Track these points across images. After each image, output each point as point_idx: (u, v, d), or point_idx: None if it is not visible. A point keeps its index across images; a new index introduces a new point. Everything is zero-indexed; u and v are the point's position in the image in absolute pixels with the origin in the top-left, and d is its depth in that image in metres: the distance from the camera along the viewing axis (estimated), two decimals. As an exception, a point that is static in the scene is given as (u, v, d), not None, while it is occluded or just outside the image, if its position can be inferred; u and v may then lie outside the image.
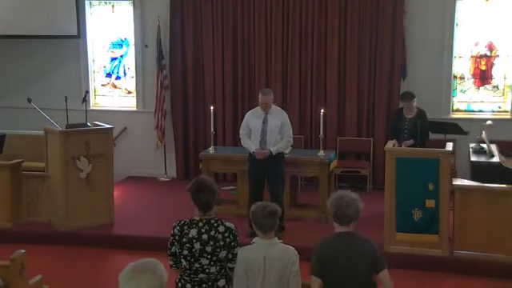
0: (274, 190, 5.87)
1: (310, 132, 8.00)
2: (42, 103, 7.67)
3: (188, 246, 3.23)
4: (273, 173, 5.88)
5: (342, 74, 7.89)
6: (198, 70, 8.35)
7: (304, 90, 8.00)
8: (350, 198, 3.04)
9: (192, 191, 3.24)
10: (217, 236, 3.21)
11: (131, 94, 8.80)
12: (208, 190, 3.22)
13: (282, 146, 5.92)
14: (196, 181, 3.26)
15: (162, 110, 8.34)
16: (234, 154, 6.69)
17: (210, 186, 3.24)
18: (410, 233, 5.54)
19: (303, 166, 6.42)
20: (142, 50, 8.56)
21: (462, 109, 7.87)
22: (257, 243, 3.24)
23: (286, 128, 5.92)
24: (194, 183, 3.25)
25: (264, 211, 3.22)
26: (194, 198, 3.23)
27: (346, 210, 3.01)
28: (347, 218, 3.00)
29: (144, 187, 8.12)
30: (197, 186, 3.23)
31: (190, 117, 8.49)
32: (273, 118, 5.90)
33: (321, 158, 6.43)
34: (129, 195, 7.75)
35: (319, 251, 3.04)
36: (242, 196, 6.55)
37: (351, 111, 7.90)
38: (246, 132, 5.97)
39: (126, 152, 8.57)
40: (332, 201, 3.07)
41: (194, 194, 3.23)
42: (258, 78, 8.09)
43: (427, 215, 5.47)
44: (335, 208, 3.03)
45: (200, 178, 3.30)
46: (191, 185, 3.26)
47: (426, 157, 5.43)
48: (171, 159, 8.62)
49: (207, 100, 8.30)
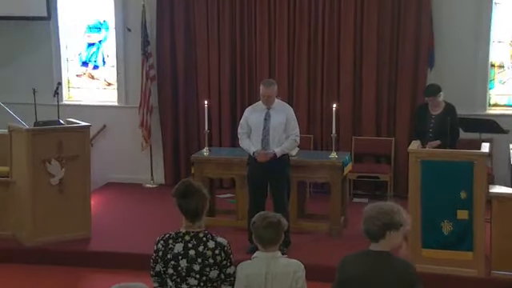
0: (278, 199, 5.90)
1: (321, 130, 8.01)
2: (5, 96, 7.68)
3: (173, 264, 3.22)
4: (277, 178, 5.91)
5: (357, 63, 7.87)
6: (190, 58, 8.34)
7: (313, 81, 8.01)
8: (380, 211, 3.01)
9: (178, 196, 3.23)
10: (206, 252, 3.20)
11: (111, 87, 8.83)
12: (197, 195, 3.22)
13: (287, 146, 5.93)
14: (182, 184, 3.26)
15: (147, 105, 8.34)
16: (231, 156, 6.71)
17: (199, 190, 3.23)
18: (438, 249, 5.51)
19: (312, 170, 6.43)
20: (125, 35, 8.55)
21: (501, 103, 7.83)
22: (258, 258, 3.27)
23: (292, 125, 5.94)
24: (180, 186, 3.24)
25: (264, 222, 3.23)
26: (181, 204, 3.23)
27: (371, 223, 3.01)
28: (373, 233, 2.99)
29: (126, 195, 8.15)
30: (183, 190, 3.22)
31: (180, 113, 8.48)
32: (276, 113, 5.91)
33: (333, 160, 6.44)
34: (109, 204, 7.77)
35: (342, 273, 3.03)
36: (242, 205, 6.55)
37: (369, 106, 7.87)
38: (245, 131, 5.99)
39: (105, 154, 8.57)
40: (364, 212, 3.07)
41: (180, 200, 3.23)
42: (259, 67, 8.10)
43: (459, 228, 5.44)
44: (363, 221, 3.04)
45: (187, 180, 3.29)
46: (176, 188, 3.25)
47: (458, 160, 5.40)
48: (158, 162, 8.63)
49: (201, 93, 8.29)
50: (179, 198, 3.23)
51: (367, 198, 7.80)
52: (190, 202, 3.21)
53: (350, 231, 6.54)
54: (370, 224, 2.99)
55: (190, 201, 3.21)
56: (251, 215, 3.50)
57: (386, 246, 2.99)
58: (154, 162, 8.60)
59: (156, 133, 8.57)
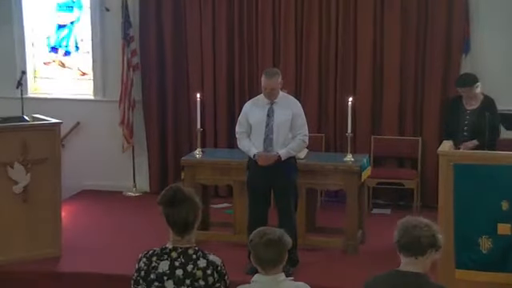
0: (284, 209, 5.92)
1: (334, 129, 8.06)
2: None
3: (157, 285, 3.22)
4: (281, 185, 5.93)
5: (378, 50, 7.90)
6: (180, 43, 8.37)
7: (325, 70, 8.03)
8: (423, 223, 3.12)
9: (164, 204, 3.24)
10: (195, 273, 3.19)
11: (86, 77, 8.87)
12: (187, 204, 3.22)
13: (293, 147, 5.96)
14: (170, 189, 3.26)
15: (129, 99, 8.37)
16: (228, 159, 6.75)
17: (189, 198, 3.23)
18: (475, 270, 5.45)
19: (324, 175, 6.46)
20: (102, 16, 8.57)
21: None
22: (257, 282, 3.27)
23: (300, 123, 5.97)
24: (168, 193, 3.25)
25: (262, 239, 3.24)
26: (167, 213, 3.23)
27: (414, 234, 3.06)
28: (414, 247, 3.06)
29: (104, 205, 8.19)
30: (171, 197, 3.23)
31: (168, 108, 8.50)
32: (281, 109, 5.95)
33: (348, 164, 6.46)
34: (83, 216, 7.80)
35: None
36: (240, 217, 6.58)
37: (391, 100, 7.89)
38: (244, 129, 6.04)
39: (79, 156, 8.59)
40: (399, 224, 3.14)
41: (167, 209, 3.23)
42: (262, 54, 8.14)
43: (500, 245, 5.39)
44: (401, 232, 3.10)
45: (175, 185, 3.29)
46: (163, 195, 3.26)
47: (498, 163, 5.36)
48: (142, 166, 8.67)
49: (193, 85, 8.32)
50: (166, 206, 3.23)
51: (389, 209, 7.82)
52: (179, 211, 3.21)
53: (368, 247, 6.56)
54: (410, 237, 3.05)
55: (179, 210, 3.21)
56: (251, 229, 3.50)
57: (422, 266, 3.08)
58: (137, 166, 8.63)
59: (139, 132, 8.60)
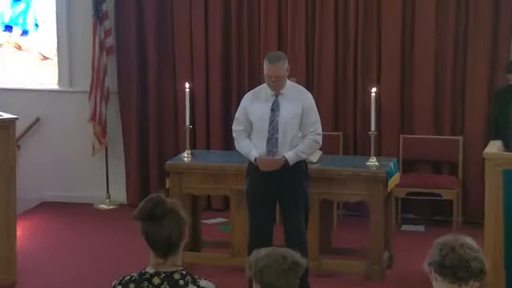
0: (292, 226, 5.93)
1: (354, 126, 8.07)
2: None
3: (136, 320, 3.25)
4: (289, 196, 5.94)
5: (407, 27, 7.91)
6: (165, 21, 8.38)
7: (343, 55, 8.03)
8: (469, 243, 3.14)
9: (143, 219, 3.24)
10: (184, 303, 3.18)
11: (49, 62, 8.87)
12: (171, 218, 3.22)
13: (304, 149, 5.98)
14: (150, 201, 3.26)
15: (101, 90, 8.38)
16: (223, 163, 6.77)
17: (174, 211, 3.24)
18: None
19: (342, 183, 6.47)
20: (68, -13, 8.63)
21: None
22: None
23: (312, 119, 5.99)
24: (147, 205, 3.25)
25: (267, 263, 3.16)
26: (147, 231, 3.24)
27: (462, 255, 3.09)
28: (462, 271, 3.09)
29: (69, 221, 8.17)
30: (151, 211, 3.23)
31: (150, 100, 8.52)
32: (288, 101, 5.97)
33: (372, 170, 6.47)
34: (43, 235, 7.78)
35: None
36: (239, 235, 6.60)
37: (424, 91, 7.88)
38: (243, 128, 6.08)
39: (39, 161, 8.58)
40: (439, 243, 3.16)
41: (147, 225, 3.23)
42: (265, 35, 8.16)
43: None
44: (444, 250, 3.12)
45: (156, 196, 3.29)
46: (142, 208, 3.26)
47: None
48: (118, 173, 8.67)
49: (180, 73, 8.34)
50: (145, 221, 3.23)
51: (423, 226, 7.81)
52: (161, 227, 3.20)
53: (397, 272, 6.57)
54: (458, 258, 3.07)
55: (161, 226, 3.20)
56: (252, 249, 3.44)
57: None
58: (111, 173, 8.63)
59: (114, 130, 8.61)
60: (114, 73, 8.52)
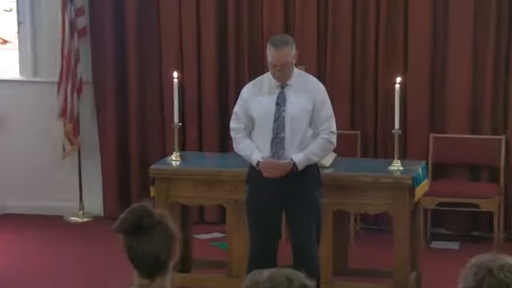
0: (301, 242, 6.00)
1: (374, 124, 8.13)
2: None
3: None
4: (298, 206, 5.99)
5: (439, 10, 7.90)
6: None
7: (362, 40, 8.06)
8: (511, 264, 3.11)
9: (125, 232, 3.28)
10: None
11: (8, 46, 8.94)
12: (158, 232, 3.27)
13: (315, 151, 6.04)
14: (133, 212, 3.30)
15: (73, 80, 8.36)
16: (219, 167, 6.84)
17: (161, 223, 3.28)
18: None
19: (360, 192, 6.51)
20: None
21: None
22: None
23: (325, 114, 6.05)
24: (130, 216, 3.30)
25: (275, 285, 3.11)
26: (130, 246, 3.27)
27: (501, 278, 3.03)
28: None
29: (35, 236, 8.20)
30: (135, 222, 3.27)
31: (131, 93, 8.54)
32: (296, 94, 6.03)
33: (396, 175, 6.53)
34: (3, 251, 7.83)
35: None
36: (237, 253, 6.65)
37: (459, 82, 7.87)
38: (242, 125, 6.14)
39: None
40: (475, 264, 3.12)
41: (130, 240, 3.27)
42: (268, 17, 8.19)
43: None
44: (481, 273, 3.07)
45: (141, 206, 3.33)
46: (123, 219, 3.30)
47: None
48: (93, 179, 8.69)
49: (167, 61, 8.38)
50: (127, 235, 3.27)
51: (457, 242, 7.80)
52: (146, 243, 3.25)
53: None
54: (496, 282, 3.04)
55: (147, 242, 3.25)
56: (252, 269, 3.37)
57: None
58: (85, 180, 8.64)
59: (89, 128, 8.62)
60: (88, 59, 8.51)
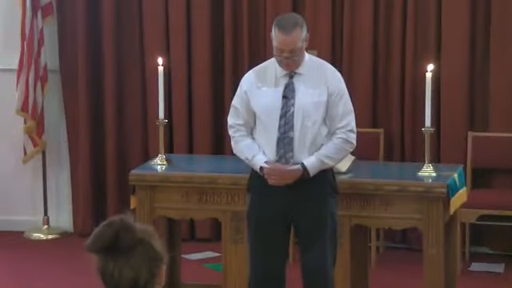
0: (314, 262, 5.97)
1: (400, 120, 8.21)
2: None
3: None
4: (310, 220, 5.98)
5: None
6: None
7: (386, 21, 8.15)
8: None
9: (99, 251, 3.27)
10: None
11: None
12: (140, 250, 3.28)
13: (330, 152, 6.01)
14: (110, 226, 3.30)
15: (36, 68, 8.44)
16: (213, 172, 6.83)
17: (143, 241, 3.29)
18: None
19: (383, 202, 6.47)
20: None
21: None
22: None
23: (342, 109, 6.02)
24: (106, 232, 3.29)
25: None
26: (105, 268, 3.27)
27: None
28: None
29: None
30: (111, 239, 3.27)
31: (106, 83, 8.60)
32: (307, 84, 6.01)
33: (428, 183, 6.49)
34: None
35: None
36: (235, 276, 6.65)
37: (504, 72, 7.92)
38: (242, 121, 6.14)
39: None
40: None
41: (105, 260, 3.27)
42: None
43: None
44: None
45: (119, 219, 3.33)
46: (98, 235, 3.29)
47: None
48: (60, 188, 8.75)
49: (150, 45, 8.46)
50: (102, 254, 3.26)
51: (502, 264, 7.81)
52: (125, 264, 3.25)
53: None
54: None
55: (125, 262, 3.25)
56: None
57: None
58: (51, 188, 8.69)
59: (55, 125, 8.70)
60: (54, 44, 8.57)
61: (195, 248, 8.05)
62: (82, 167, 8.61)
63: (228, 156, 6.71)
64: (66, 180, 8.69)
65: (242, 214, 6.22)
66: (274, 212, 5.92)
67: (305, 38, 5.90)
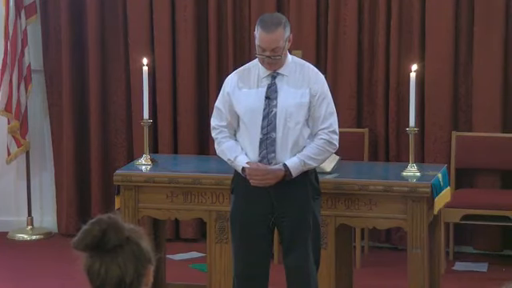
0: (296, 264, 5.97)
1: (385, 120, 8.18)
2: None
3: None
4: (293, 221, 5.98)
5: None
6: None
7: (370, 20, 8.14)
8: None
9: (85, 248, 3.25)
10: None
11: None
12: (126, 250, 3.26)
13: (313, 153, 6.00)
14: (96, 225, 3.28)
15: (19, 68, 8.44)
16: (197, 173, 6.82)
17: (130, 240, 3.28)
18: None
19: (368, 203, 6.47)
20: None
21: None
22: None
23: (325, 110, 6.02)
24: (92, 230, 3.26)
25: None
26: (91, 268, 3.25)
27: None
28: None
29: None
30: (97, 238, 3.25)
31: (90, 83, 8.59)
32: (290, 85, 6.02)
33: (412, 182, 6.49)
34: None
35: None
36: (219, 277, 6.64)
37: (488, 71, 7.90)
38: (225, 123, 6.14)
39: None
40: None
41: (91, 259, 3.25)
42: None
43: None
44: None
45: (106, 218, 3.30)
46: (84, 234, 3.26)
47: None
48: (44, 188, 8.75)
49: (135, 42, 8.43)
50: (89, 252, 3.25)
51: (485, 264, 7.81)
52: (111, 264, 3.24)
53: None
54: None
55: (111, 262, 3.24)
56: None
57: None
58: (35, 189, 8.67)
59: (39, 125, 8.69)
60: (38, 43, 8.56)
61: (180, 248, 8.06)
62: (66, 167, 8.61)
63: (213, 156, 6.68)
64: (50, 180, 8.70)
65: (227, 214, 6.20)
66: (257, 214, 5.94)
67: (288, 37, 5.90)
